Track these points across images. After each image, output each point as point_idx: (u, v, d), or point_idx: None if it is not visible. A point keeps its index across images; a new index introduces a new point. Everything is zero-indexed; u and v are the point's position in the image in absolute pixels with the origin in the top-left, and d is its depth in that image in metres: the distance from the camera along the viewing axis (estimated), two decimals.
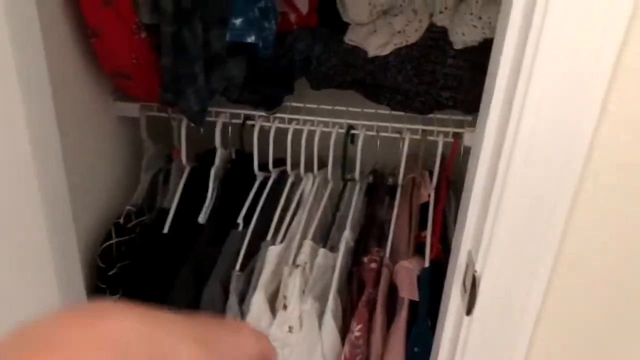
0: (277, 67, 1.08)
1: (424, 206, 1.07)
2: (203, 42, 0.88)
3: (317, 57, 1.08)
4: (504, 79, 0.60)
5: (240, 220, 0.99)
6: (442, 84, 1.00)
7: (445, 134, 1.06)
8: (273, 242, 0.99)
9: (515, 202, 0.59)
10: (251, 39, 0.86)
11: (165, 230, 0.96)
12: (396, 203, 1.06)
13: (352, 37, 1.05)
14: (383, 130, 1.07)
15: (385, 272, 0.97)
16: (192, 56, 0.85)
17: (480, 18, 0.96)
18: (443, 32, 1.00)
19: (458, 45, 0.98)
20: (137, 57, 0.88)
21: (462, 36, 0.96)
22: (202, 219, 0.97)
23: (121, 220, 0.96)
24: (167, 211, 0.99)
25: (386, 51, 1.01)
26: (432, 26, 1.02)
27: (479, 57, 0.99)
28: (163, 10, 0.83)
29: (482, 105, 0.69)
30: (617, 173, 0.56)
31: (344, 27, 1.08)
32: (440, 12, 1.01)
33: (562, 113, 0.54)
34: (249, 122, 1.08)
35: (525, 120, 0.56)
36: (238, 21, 0.85)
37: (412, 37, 1.01)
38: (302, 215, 1.04)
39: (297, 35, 1.08)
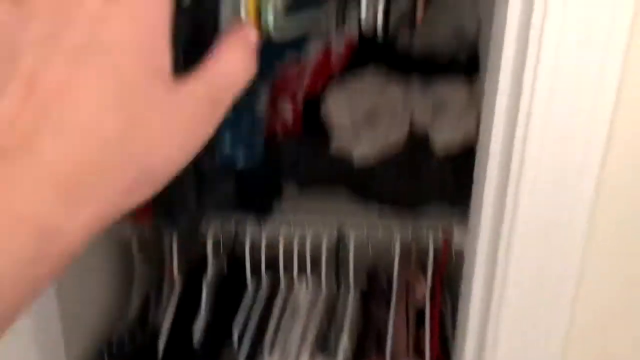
0: (264, 175, 1.11)
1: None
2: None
3: (304, 161, 1.11)
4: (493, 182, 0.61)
5: (234, 338, 0.97)
6: (427, 188, 1.02)
7: (435, 228, 1.08)
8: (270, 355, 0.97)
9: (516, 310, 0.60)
10: (240, 162, 0.89)
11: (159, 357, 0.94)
12: (392, 307, 1.06)
13: (337, 143, 1.09)
14: (373, 229, 1.09)
15: None
16: (183, 178, 0.86)
17: (460, 122, 1.00)
18: (425, 135, 1.04)
19: (440, 150, 1.01)
20: None
21: (444, 138, 1.00)
22: (196, 342, 0.96)
23: (114, 348, 0.94)
24: (158, 331, 0.97)
25: (371, 157, 1.04)
26: (413, 129, 1.06)
27: (463, 161, 1.03)
28: None
29: (473, 204, 0.71)
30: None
31: (329, 135, 1.12)
32: (420, 116, 1.05)
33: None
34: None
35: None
36: (227, 145, 0.87)
37: (395, 142, 1.05)
38: (298, 324, 1.03)
39: (283, 144, 1.12)
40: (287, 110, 1.14)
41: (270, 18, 0.75)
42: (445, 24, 1.06)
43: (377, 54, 0.90)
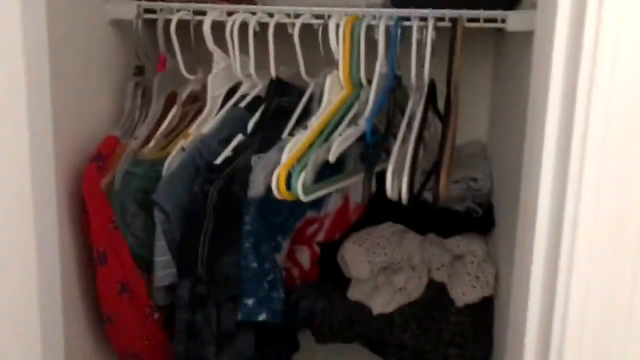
0: (281, 324, 1.10)
1: None
2: (216, 321, 0.90)
3: (321, 311, 1.10)
4: None
5: None
6: (448, 341, 1.01)
7: None
8: None
9: None
10: (262, 317, 0.89)
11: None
12: None
13: (355, 293, 1.09)
14: None
15: None
16: (205, 340, 0.86)
17: (477, 278, 1.02)
18: (443, 287, 1.05)
19: (459, 303, 1.01)
20: (149, 338, 0.89)
21: (462, 295, 1.01)
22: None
23: None
24: None
25: (390, 309, 1.04)
26: (431, 282, 1.07)
27: (481, 313, 1.03)
28: (179, 297, 0.86)
29: None
30: None
31: (346, 281, 1.13)
32: (438, 269, 1.06)
33: None
34: None
35: None
36: (250, 302, 0.88)
37: (414, 293, 1.05)
38: None
39: (300, 292, 1.12)
40: (305, 256, 1.16)
41: (299, 188, 0.79)
42: (461, 181, 1.11)
43: (395, 208, 0.94)
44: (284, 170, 0.78)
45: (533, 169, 0.54)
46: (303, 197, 0.79)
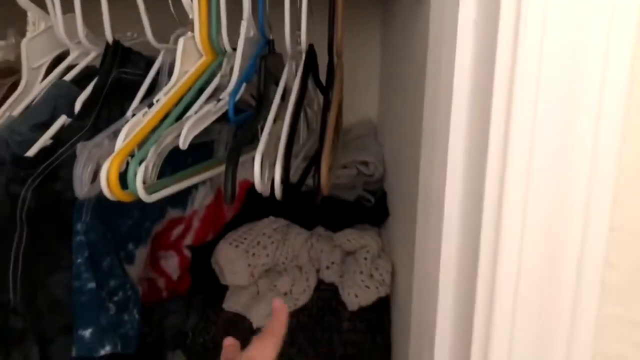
0: (144, 345, 0.90)
1: None
2: (42, 358, 0.69)
3: (193, 328, 0.93)
4: None
5: None
6: (341, 353, 0.87)
7: None
8: None
9: None
10: (106, 350, 0.69)
11: None
12: None
13: (232, 304, 0.92)
14: None
15: None
16: None
17: (372, 276, 0.88)
18: (333, 289, 0.91)
19: (352, 307, 0.88)
20: None
21: (355, 297, 0.87)
22: None
23: None
24: None
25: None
26: (320, 283, 0.92)
27: (377, 316, 0.90)
28: None
29: None
30: None
31: (222, 289, 0.96)
32: (327, 268, 0.92)
33: None
34: None
35: None
36: (87, 332, 0.68)
37: (301, 298, 0.90)
38: None
39: (168, 308, 0.93)
40: (172, 263, 0.97)
41: (138, 184, 0.60)
42: (349, 165, 0.97)
43: (277, 201, 0.78)
44: (117, 161, 0.59)
45: (436, 149, 0.40)
46: (145, 197, 0.60)
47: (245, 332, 0.90)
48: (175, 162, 0.69)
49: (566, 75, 0.34)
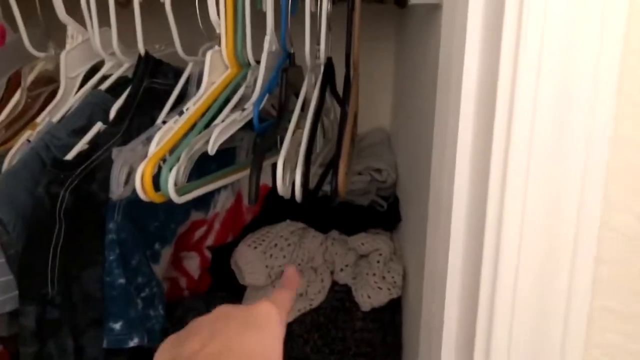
0: None
1: None
2: (75, 349, 0.73)
3: None
4: None
5: None
6: (354, 352, 0.91)
7: None
8: None
9: None
10: (134, 342, 0.74)
11: None
12: None
13: (250, 303, 0.97)
14: None
15: None
16: None
17: (384, 278, 0.93)
18: (347, 290, 0.95)
19: (365, 308, 0.92)
20: None
21: (368, 298, 0.91)
22: None
23: None
24: None
25: (289, 319, 0.93)
26: (334, 284, 0.96)
27: (389, 317, 0.94)
28: (22, 326, 0.69)
29: None
30: None
31: (241, 289, 1.00)
32: (341, 270, 0.96)
33: None
34: None
35: None
36: (117, 325, 0.73)
37: (316, 299, 0.94)
38: None
39: (189, 306, 0.98)
40: (194, 264, 1.01)
41: (170, 187, 0.64)
42: (364, 172, 1.01)
43: (294, 205, 0.83)
44: (150, 165, 0.64)
45: (446, 156, 0.44)
46: (176, 199, 0.65)
47: None
48: (200, 166, 0.74)
49: (561, 87, 0.38)
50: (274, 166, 0.81)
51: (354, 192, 1.02)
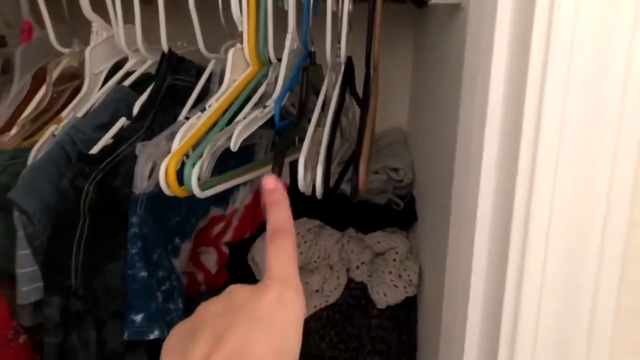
0: None
1: None
2: (96, 342, 0.75)
3: None
4: None
5: None
6: (369, 349, 0.92)
7: None
8: None
9: None
10: (154, 334, 0.75)
11: None
12: None
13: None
14: None
15: None
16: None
17: (400, 276, 0.93)
18: (363, 288, 0.96)
19: (381, 305, 0.92)
20: None
21: (384, 296, 0.92)
22: None
23: None
24: None
25: (306, 314, 0.94)
26: (350, 282, 0.97)
27: (404, 315, 0.94)
28: (46, 317, 0.70)
29: None
30: None
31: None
32: (357, 267, 0.97)
33: None
34: None
35: None
36: (139, 317, 0.74)
37: (332, 296, 0.95)
38: None
39: (204, 300, 0.99)
40: (211, 259, 1.03)
41: (194, 182, 0.65)
42: (380, 171, 1.02)
43: (311, 202, 0.84)
44: (174, 160, 0.65)
45: (471, 156, 0.45)
46: (199, 193, 0.66)
47: None
48: (220, 163, 0.75)
49: (591, 86, 0.38)
50: (292, 164, 0.82)
51: (371, 191, 1.03)
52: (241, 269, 1.02)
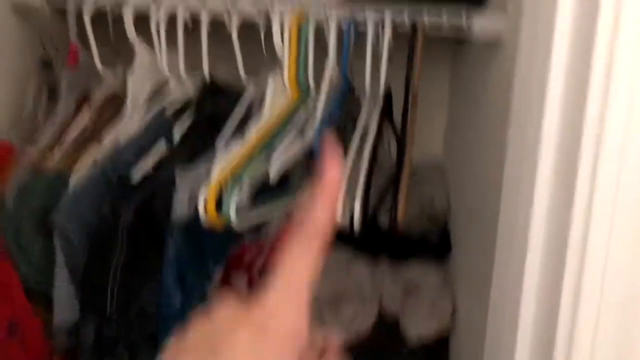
0: None
1: None
2: None
3: None
4: None
5: None
6: None
7: None
8: None
9: None
10: None
11: None
12: None
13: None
14: None
15: None
16: None
17: (433, 310, 0.91)
18: (394, 321, 0.94)
19: (413, 339, 0.91)
20: None
21: (416, 329, 0.90)
22: None
23: None
24: None
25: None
26: (381, 314, 0.95)
27: (437, 352, 0.92)
28: (82, 341, 0.71)
29: None
30: None
31: None
32: (390, 299, 0.95)
33: None
34: None
35: None
36: None
37: (362, 328, 0.94)
38: None
39: None
40: (242, 282, 1.02)
41: (232, 212, 0.66)
42: (415, 200, 1.01)
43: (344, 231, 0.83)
44: (214, 188, 0.65)
45: (521, 191, 0.44)
46: (236, 224, 0.66)
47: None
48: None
49: None
50: None
51: (405, 220, 1.01)
52: None
